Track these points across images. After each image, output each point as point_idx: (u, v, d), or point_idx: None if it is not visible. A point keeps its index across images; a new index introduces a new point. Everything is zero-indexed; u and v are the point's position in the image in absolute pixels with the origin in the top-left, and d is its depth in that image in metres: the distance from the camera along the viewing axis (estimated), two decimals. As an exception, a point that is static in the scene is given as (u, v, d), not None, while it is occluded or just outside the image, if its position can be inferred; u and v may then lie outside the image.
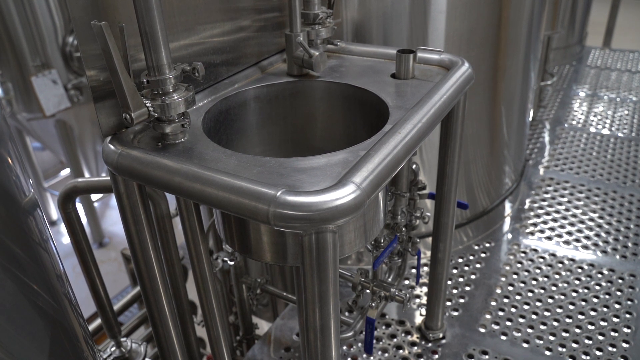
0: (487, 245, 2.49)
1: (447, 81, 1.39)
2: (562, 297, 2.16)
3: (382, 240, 1.70)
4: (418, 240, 1.83)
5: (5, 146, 0.84)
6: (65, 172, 6.09)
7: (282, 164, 1.07)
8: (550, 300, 2.14)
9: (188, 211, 1.25)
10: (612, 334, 1.97)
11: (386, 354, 1.93)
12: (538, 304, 2.13)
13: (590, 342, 1.94)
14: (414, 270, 2.32)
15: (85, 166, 5.11)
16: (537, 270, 2.31)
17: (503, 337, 1.98)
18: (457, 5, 1.96)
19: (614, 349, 1.91)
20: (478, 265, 2.36)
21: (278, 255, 1.23)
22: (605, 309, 2.09)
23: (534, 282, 2.24)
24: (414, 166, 1.71)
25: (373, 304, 1.68)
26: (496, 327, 2.03)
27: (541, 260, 2.37)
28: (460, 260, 2.39)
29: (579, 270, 2.30)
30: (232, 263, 1.80)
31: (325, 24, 1.55)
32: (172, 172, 1.02)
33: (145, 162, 1.06)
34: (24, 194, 0.91)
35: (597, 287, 2.21)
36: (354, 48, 1.67)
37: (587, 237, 2.51)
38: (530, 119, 3.71)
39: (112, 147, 1.11)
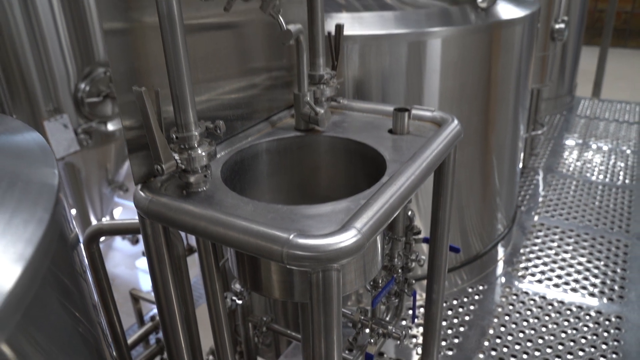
0: (481, 287, 2.61)
1: (438, 137, 1.56)
2: (552, 337, 2.27)
3: (380, 281, 1.82)
4: (414, 281, 1.95)
5: (62, 189, 0.98)
6: (71, 213, 6.21)
7: (293, 210, 1.21)
8: (540, 341, 2.25)
9: (206, 251, 1.39)
10: (599, 373, 2.08)
11: (384, 391, 2.03)
12: (529, 344, 2.23)
13: (578, 380, 2.05)
14: (410, 312, 2.43)
15: (90, 208, 5.24)
16: (528, 312, 2.42)
17: (495, 376, 2.09)
18: (449, 64, 2.15)
19: (601, 388, 2.02)
20: (472, 307, 2.47)
21: (286, 292, 1.36)
22: (592, 349, 2.20)
23: (525, 324, 2.35)
24: (409, 212, 1.86)
25: (372, 340, 1.79)
26: (489, 366, 2.13)
27: (532, 302, 2.49)
28: (455, 302, 2.51)
29: (568, 312, 2.42)
30: (240, 302, 1.92)
31: (330, 84, 1.72)
32: (198, 218, 1.17)
33: (173, 208, 1.20)
34: (70, 230, 1.05)
35: (585, 329, 2.32)
36: (355, 105, 1.84)
37: (576, 281, 2.63)
38: (522, 166, 3.87)
39: (143, 194, 1.25)
